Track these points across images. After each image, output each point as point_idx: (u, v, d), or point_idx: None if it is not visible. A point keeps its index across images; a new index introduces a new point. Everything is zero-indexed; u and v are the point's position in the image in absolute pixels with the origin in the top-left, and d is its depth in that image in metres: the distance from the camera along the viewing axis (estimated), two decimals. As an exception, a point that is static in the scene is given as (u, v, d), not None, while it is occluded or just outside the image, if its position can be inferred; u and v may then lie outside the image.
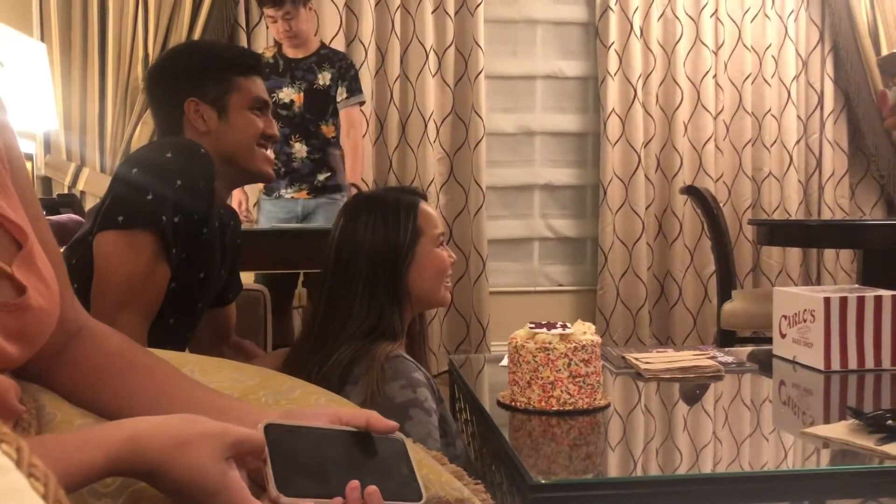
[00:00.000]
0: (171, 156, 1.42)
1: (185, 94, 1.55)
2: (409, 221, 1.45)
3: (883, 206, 4.41)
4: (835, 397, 1.85)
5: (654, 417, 1.77)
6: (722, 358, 2.00)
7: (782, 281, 4.20)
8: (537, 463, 1.32)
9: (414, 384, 1.31)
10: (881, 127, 4.19)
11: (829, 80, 4.28)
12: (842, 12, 4.17)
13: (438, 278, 1.48)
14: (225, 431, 0.66)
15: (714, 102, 4.17)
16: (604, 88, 4.14)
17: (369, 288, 1.42)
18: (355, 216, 1.47)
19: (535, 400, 1.53)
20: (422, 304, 1.49)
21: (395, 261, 1.43)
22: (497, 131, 4.19)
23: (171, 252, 1.40)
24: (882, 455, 1.29)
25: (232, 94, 1.57)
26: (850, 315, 1.91)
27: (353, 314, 1.41)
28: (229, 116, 1.57)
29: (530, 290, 4.32)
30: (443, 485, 0.82)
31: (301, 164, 3.22)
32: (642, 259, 4.16)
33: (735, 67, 4.21)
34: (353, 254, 1.44)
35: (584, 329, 1.58)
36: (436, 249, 1.47)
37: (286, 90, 3.22)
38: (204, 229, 1.47)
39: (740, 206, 4.23)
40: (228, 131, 1.56)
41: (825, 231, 3.37)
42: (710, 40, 4.15)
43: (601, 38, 4.14)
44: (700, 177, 4.16)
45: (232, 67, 1.58)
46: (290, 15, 3.12)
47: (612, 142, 4.13)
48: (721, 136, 4.23)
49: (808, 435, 1.43)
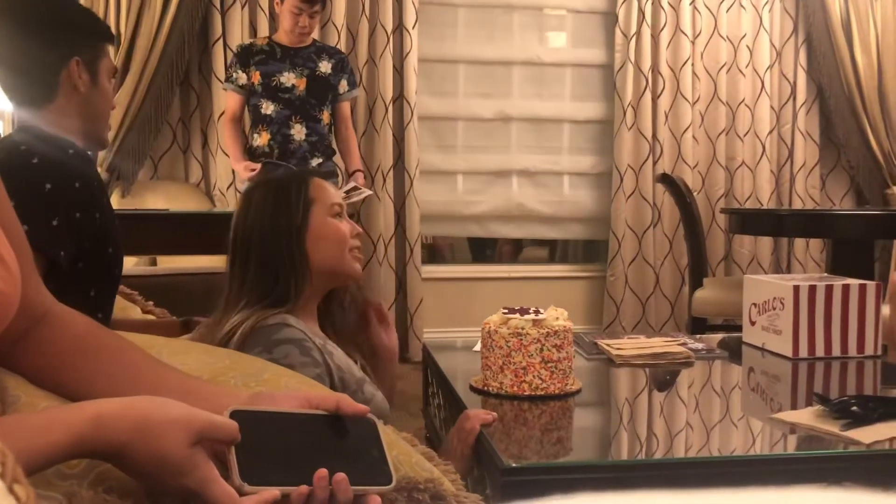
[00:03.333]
0: (37, 161, 1.38)
1: (71, 51, 1.47)
2: (299, 193, 1.47)
3: (852, 197, 4.47)
4: (802, 384, 1.88)
5: (625, 403, 1.78)
6: (692, 345, 2.02)
7: (754, 269, 4.25)
8: (509, 447, 1.32)
9: (271, 346, 1.31)
10: (852, 118, 4.24)
11: (802, 71, 4.31)
12: (815, 4, 4.20)
13: (338, 248, 1.48)
14: (192, 417, 0.66)
15: (692, 91, 4.20)
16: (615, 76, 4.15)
17: (262, 259, 1.44)
18: (250, 197, 1.51)
19: (508, 385, 1.54)
20: (328, 276, 1.48)
21: (288, 231, 1.44)
22: (474, 116, 4.18)
23: (55, 254, 1.36)
24: (846, 440, 1.32)
25: (102, 61, 1.53)
26: (819, 303, 1.94)
27: (247, 287, 1.43)
28: (98, 82, 1.52)
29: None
30: (413, 465, 0.82)
31: (298, 146, 3.26)
32: (627, 248, 4.21)
33: (710, 57, 4.23)
34: (247, 231, 1.46)
35: (557, 315, 1.58)
36: (330, 218, 1.48)
37: (287, 74, 3.26)
38: (96, 215, 1.45)
39: (714, 194, 4.27)
40: (97, 98, 1.52)
41: (795, 220, 3.42)
42: (688, 29, 4.17)
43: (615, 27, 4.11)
44: (679, 165, 4.19)
45: (104, 34, 1.56)
46: (316, 13, 3.24)
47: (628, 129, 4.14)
48: (697, 125, 4.26)
49: (776, 421, 1.45)
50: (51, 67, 1.47)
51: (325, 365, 1.34)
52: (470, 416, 1.40)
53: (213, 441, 0.66)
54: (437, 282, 4.20)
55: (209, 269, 2.58)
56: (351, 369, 1.40)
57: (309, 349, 1.34)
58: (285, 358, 1.27)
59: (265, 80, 3.24)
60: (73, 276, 1.43)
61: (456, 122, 4.19)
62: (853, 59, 4.18)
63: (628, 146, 4.16)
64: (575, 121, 4.29)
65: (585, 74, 4.31)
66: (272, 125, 3.25)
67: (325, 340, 1.42)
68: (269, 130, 3.25)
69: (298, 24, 3.20)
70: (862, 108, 4.21)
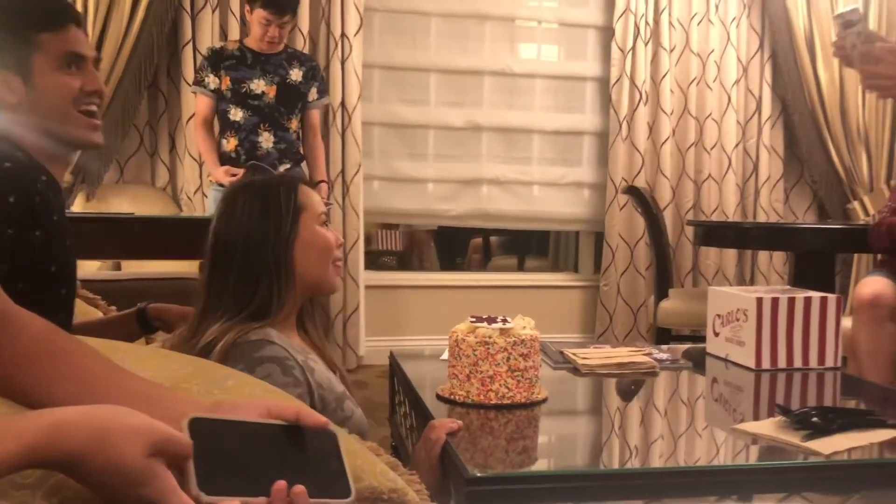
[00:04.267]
0: None
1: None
2: (289, 199, 1.42)
3: (815, 211, 4.55)
4: (764, 395, 1.90)
5: (591, 412, 1.79)
6: (657, 355, 2.04)
7: (719, 281, 4.30)
8: (474, 456, 1.32)
9: (253, 363, 1.28)
10: (815, 134, 4.32)
11: (767, 86, 4.38)
12: (780, 21, 4.28)
13: (324, 257, 1.45)
14: (151, 428, 0.65)
15: (669, 104, 4.25)
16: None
17: (245, 269, 1.39)
18: (233, 201, 1.44)
19: (474, 393, 1.54)
20: (309, 287, 1.46)
21: (276, 237, 1.40)
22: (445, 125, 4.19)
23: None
24: (807, 451, 1.34)
25: (35, 55, 1.36)
26: (781, 315, 1.97)
27: (226, 296, 1.38)
28: (35, 82, 1.36)
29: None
30: (377, 475, 0.82)
31: (266, 153, 3.23)
32: (620, 258, 4.25)
33: (682, 71, 4.29)
34: (229, 236, 1.40)
35: (524, 324, 1.59)
36: (318, 227, 1.46)
37: (257, 81, 3.23)
38: (36, 232, 1.34)
39: (683, 206, 4.32)
40: (38, 98, 1.37)
41: (759, 233, 3.47)
42: (666, 43, 4.23)
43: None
44: (659, 178, 4.25)
45: (30, 23, 1.37)
46: (286, 24, 3.21)
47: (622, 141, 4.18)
48: (673, 138, 4.31)
49: (739, 431, 1.47)
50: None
51: (307, 383, 1.31)
52: (435, 427, 1.39)
53: (169, 455, 0.65)
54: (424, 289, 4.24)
55: (175, 275, 2.56)
56: (331, 385, 1.37)
57: (291, 368, 1.30)
58: (268, 377, 1.24)
59: (234, 86, 3.21)
60: (13, 295, 1.35)
61: (427, 131, 4.19)
62: (816, 76, 4.26)
63: (623, 159, 4.22)
64: (545, 131, 4.31)
65: (571, 86, 4.34)
66: (240, 132, 3.22)
67: (306, 355, 1.38)
68: (238, 137, 3.22)
69: (267, 34, 3.17)
70: (825, 124, 4.29)
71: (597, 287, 4.34)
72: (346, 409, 1.34)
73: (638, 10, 4.16)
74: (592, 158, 4.36)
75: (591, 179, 4.37)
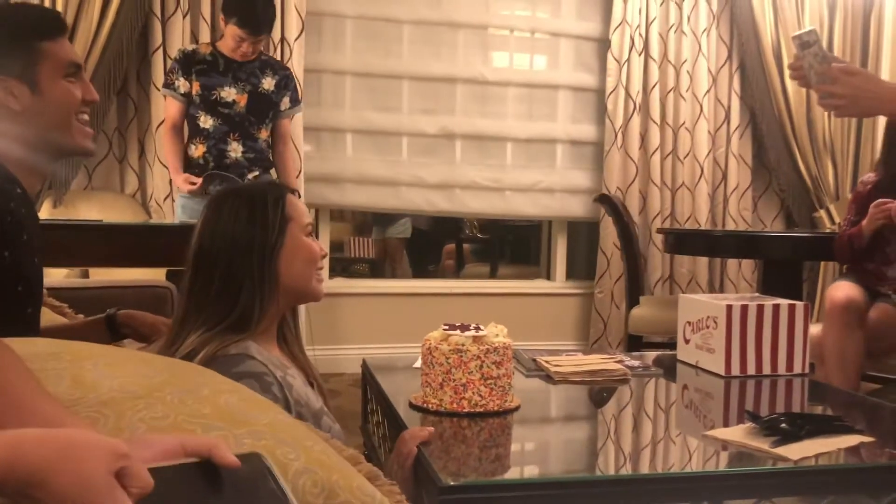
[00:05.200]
0: None
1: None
2: (277, 208, 1.41)
3: (783, 219, 4.62)
4: (734, 401, 1.92)
5: (563, 420, 1.80)
6: (629, 362, 2.06)
7: (692, 289, 4.35)
8: (447, 465, 1.32)
9: (232, 379, 1.27)
10: (782, 143, 4.39)
11: (736, 96, 4.45)
12: (749, 32, 4.35)
13: (309, 267, 1.44)
14: (116, 446, 0.64)
15: (660, 114, 4.32)
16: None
17: (228, 276, 1.37)
18: (219, 207, 1.43)
19: (447, 402, 1.53)
20: (293, 296, 1.45)
21: (262, 246, 1.38)
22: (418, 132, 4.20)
23: None
24: (775, 457, 1.35)
25: (41, 64, 1.40)
26: (750, 323, 2.00)
27: (210, 304, 1.36)
28: (42, 89, 1.40)
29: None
30: (353, 490, 0.81)
31: (235, 162, 3.19)
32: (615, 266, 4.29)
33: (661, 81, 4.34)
34: (214, 243, 1.39)
35: (497, 331, 1.59)
36: (304, 237, 1.45)
37: (228, 89, 3.19)
38: (5, 252, 1.35)
39: (663, 214, 4.37)
40: (44, 106, 1.40)
41: (728, 241, 3.51)
42: (656, 54, 4.30)
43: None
44: (651, 187, 4.32)
45: (35, 33, 1.41)
46: (261, 42, 3.18)
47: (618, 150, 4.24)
48: (664, 149, 4.37)
49: (709, 438, 1.48)
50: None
51: (285, 400, 1.30)
52: (406, 439, 1.38)
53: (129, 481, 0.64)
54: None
55: (143, 283, 2.53)
56: (309, 401, 1.36)
57: (269, 384, 1.29)
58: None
59: (204, 92, 3.17)
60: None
61: (401, 137, 4.19)
62: (784, 87, 4.33)
63: (618, 167, 4.27)
64: (518, 139, 4.33)
65: (562, 96, 4.39)
66: (209, 139, 3.19)
67: (285, 371, 1.36)
68: (206, 144, 3.19)
69: (240, 48, 3.14)
70: (792, 134, 4.36)
71: (585, 295, 4.39)
72: (323, 426, 1.33)
73: (633, 22, 4.24)
74: (589, 166, 4.42)
75: (587, 186, 4.43)
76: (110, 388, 0.84)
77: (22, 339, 0.91)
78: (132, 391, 0.84)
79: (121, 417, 0.81)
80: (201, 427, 0.81)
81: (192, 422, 0.82)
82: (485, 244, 7.21)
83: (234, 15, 3.09)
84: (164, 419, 0.81)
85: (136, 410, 0.81)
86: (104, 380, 0.85)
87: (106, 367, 0.87)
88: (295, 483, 0.78)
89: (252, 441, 0.82)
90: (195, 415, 0.83)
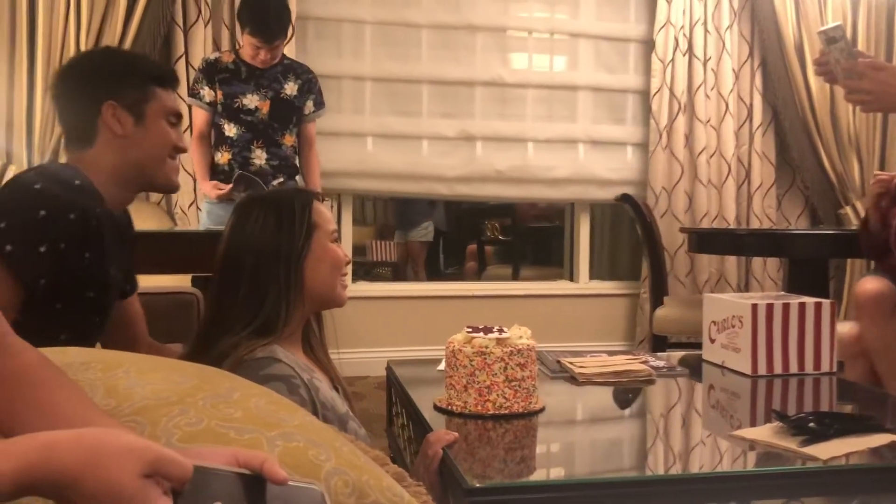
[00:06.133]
0: (39, 187, 1.40)
1: (104, 96, 1.53)
2: (304, 215, 1.43)
3: (807, 217, 4.57)
4: (761, 401, 1.91)
5: (588, 422, 1.80)
6: (654, 362, 2.05)
7: (720, 287, 4.33)
8: (472, 467, 1.32)
9: (259, 382, 1.27)
10: (806, 140, 4.34)
11: (758, 93, 4.42)
12: (770, 28, 4.31)
13: (334, 273, 1.46)
14: (146, 447, 0.65)
15: (705, 112, 4.33)
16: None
17: (255, 282, 1.39)
18: (247, 213, 1.45)
19: (472, 404, 1.54)
20: (317, 302, 1.47)
21: (289, 252, 1.41)
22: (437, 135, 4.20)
23: (34, 281, 1.37)
24: (804, 456, 1.34)
25: (150, 103, 1.57)
26: (776, 321, 1.98)
27: (237, 309, 1.39)
28: (146, 123, 1.57)
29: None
30: (383, 490, 0.82)
31: (259, 169, 3.21)
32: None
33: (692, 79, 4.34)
34: (241, 249, 1.41)
35: (521, 333, 1.59)
36: (330, 244, 1.47)
37: (250, 96, 3.21)
38: (86, 254, 1.44)
39: (699, 213, 4.36)
40: (144, 138, 1.57)
41: (752, 240, 3.48)
42: (700, 53, 4.32)
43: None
44: (696, 185, 4.32)
45: (152, 77, 1.60)
46: (278, 48, 3.19)
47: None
48: (710, 146, 4.36)
49: (736, 438, 1.47)
50: (85, 114, 1.54)
51: (312, 402, 1.31)
52: (431, 442, 1.39)
53: (166, 475, 0.65)
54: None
55: (169, 289, 2.55)
56: (335, 405, 1.37)
57: (297, 387, 1.30)
58: None
59: (227, 100, 3.20)
60: (48, 316, 1.41)
61: (420, 141, 4.20)
62: (807, 83, 4.29)
63: (662, 168, 4.28)
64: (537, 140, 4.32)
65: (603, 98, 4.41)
66: (233, 147, 3.21)
67: (311, 374, 1.38)
68: (231, 152, 3.22)
69: (259, 56, 3.16)
70: (815, 130, 4.32)
71: (609, 296, 4.40)
72: (349, 430, 1.34)
73: (677, 23, 4.27)
74: (633, 166, 4.43)
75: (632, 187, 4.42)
76: (143, 395, 0.86)
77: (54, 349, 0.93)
78: (165, 397, 0.85)
79: (156, 425, 0.82)
80: (234, 431, 0.82)
81: (225, 426, 0.83)
82: (506, 246, 7.21)
83: (248, 24, 3.12)
84: (197, 424, 0.82)
85: (170, 417, 0.83)
86: (137, 387, 0.86)
87: (137, 374, 0.88)
88: (328, 483, 0.79)
89: (284, 443, 0.83)
90: (227, 419, 0.84)
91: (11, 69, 3.48)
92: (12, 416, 0.76)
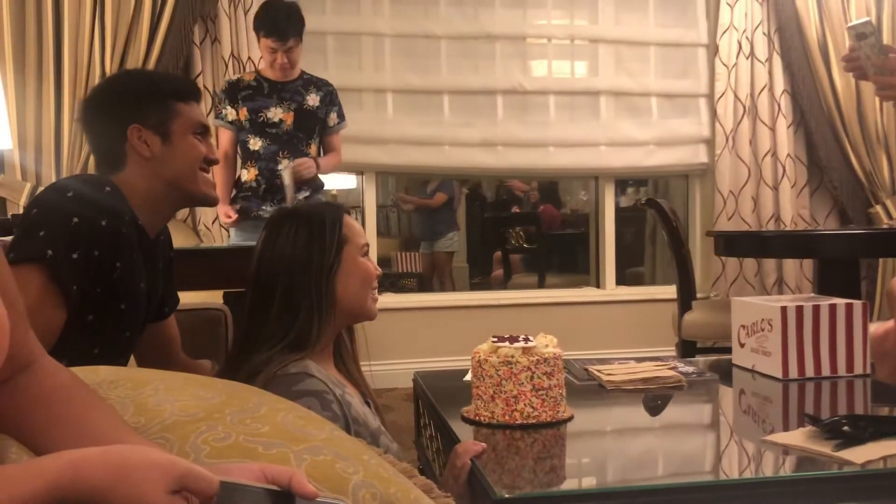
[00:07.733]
0: (71, 195, 1.44)
1: (128, 120, 1.56)
2: (334, 230, 1.44)
3: (836, 216, 4.51)
4: (793, 405, 1.88)
5: (618, 430, 1.78)
6: (682, 368, 2.03)
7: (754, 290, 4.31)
8: (501, 477, 1.32)
9: (293, 397, 1.27)
10: (833, 139, 4.29)
11: (787, 94, 4.36)
12: (792, 27, 4.27)
13: (365, 287, 1.47)
14: (173, 463, 0.65)
15: (769, 114, 4.35)
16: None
17: (287, 297, 1.40)
18: (278, 228, 1.46)
19: (499, 414, 1.53)
20: (349, 315, 1.48)
21: (319, 267, 1.41)
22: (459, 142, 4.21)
23: (68, 287, 1.40)
24: (839, 461, 1.32)
25: (174, 120, 1.59)
26: (807, 324, 1.95)
27: (270, 324, 1.39)
28: (173, 141, 1.58)
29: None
30: (411, 502, 0.82)
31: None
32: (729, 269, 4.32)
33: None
34: (272, 265, 1.42)
35: (547, 342, 1.58)
36: (360, 258, 1.47)
37: (274, 109, 3.25)
38: (117, 263, 1.46)
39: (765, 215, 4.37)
40: (172, 156, 1.58)
41: (780, 242, 3.43)
42: (761, 56, 4.37)
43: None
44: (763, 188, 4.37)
45: (173, 94, 1.61)
46: (292, 49, 3.21)
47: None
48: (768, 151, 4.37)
49: (769, 443, 1.45)
50: (113, 140, 1.57)
51: (344, 417, 1.31)
52: (459, 453, 1.38)
53: (193, 490, 0.66)
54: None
55: (199, 306, 2.57)
56: (367, 420, 1.38)
57: (330, 402, 1.31)
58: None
59: (252, 115, 3.24)
60: (81, 328, 1.44)
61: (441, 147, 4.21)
62: (832, 82, 4.24)
63: (730, 171, 4.31)
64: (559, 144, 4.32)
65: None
66: (260, 161, 3.25)
67: (343, 389, 1.38)
68: (257, 166, 3.25)
69: (276, 61, 3.19)
70: (842, 129, 4.27)
71: (635, 302, 4.42)
72: (381, 445, 1.34)
73: (740, 27, 4.31)
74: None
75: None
76: (172, 412, 0.86)
77: (85, 368, 0.94)
78: (193, 413, 0.86)
79: (184, 441, 0.83)
80: (262, 445, 0.83)
81: (252, 441, 0.84)
82: (532, 254, 7.19)
83: (262, 27, 3.17)
84: (225, 440, 0.83)
85: (198, 433, 0.83)
86: (166, 404, 0.87)
87: (166, 391, 0.89)
88: (355, 496, 0.79)
89: (311, 457, 0.83)
90: (255, 434, 0.85)
91: (39, 92, 3.54)
92: (46, 434, 0.77)
